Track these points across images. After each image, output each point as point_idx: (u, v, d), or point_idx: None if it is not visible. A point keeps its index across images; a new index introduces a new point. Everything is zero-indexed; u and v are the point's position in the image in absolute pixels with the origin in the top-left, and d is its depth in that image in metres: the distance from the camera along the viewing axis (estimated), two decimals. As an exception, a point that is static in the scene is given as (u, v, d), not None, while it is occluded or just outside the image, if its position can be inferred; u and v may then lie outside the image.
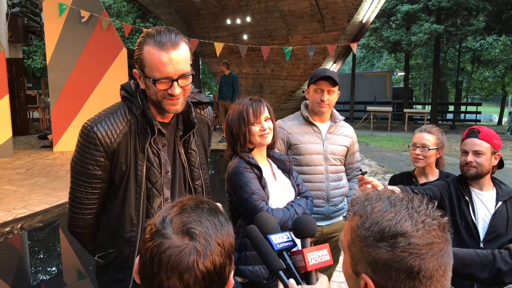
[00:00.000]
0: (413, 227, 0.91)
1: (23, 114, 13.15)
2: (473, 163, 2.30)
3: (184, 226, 0.95)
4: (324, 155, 2.89)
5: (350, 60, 23.36)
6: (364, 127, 18.50)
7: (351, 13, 10.13)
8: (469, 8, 17.43)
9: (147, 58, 1.63)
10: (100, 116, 1.73)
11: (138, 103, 1.74)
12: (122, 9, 24.07)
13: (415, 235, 0.91)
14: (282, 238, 1.32)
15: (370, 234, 0.94)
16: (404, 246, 0.90)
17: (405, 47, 18.53)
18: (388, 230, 0.92)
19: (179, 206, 1.01)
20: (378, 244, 0.92)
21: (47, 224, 5.89)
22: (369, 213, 0.96)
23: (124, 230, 1.76)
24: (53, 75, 9.93)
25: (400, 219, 0.92)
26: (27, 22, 14.40)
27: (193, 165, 1.92)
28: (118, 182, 1.74)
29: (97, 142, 1.67)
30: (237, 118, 2.29)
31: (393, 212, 0.94)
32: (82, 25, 9.75)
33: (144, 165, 1.75)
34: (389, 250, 0.91)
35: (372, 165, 9.73)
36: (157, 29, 1.66)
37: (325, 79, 2.80)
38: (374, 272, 0.94)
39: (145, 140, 1.74)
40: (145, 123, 1.74)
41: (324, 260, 1.31)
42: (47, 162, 9.14)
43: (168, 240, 0.93)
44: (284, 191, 2.34)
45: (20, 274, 4.68)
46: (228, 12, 13.19)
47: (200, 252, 0.93)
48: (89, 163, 1.69)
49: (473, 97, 34.43)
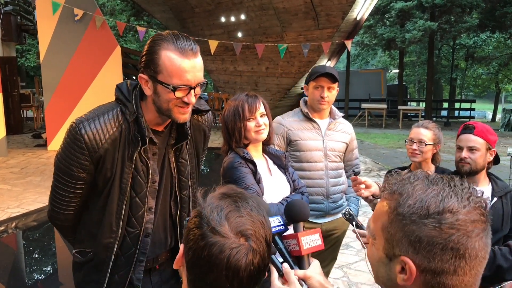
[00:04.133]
0: (459, 203, 0.88)
1: (16, 113, 13.09)
2: (468, 159, 2.30)
3: (241, 227, 1.00)
4: (324, 151, 2.89)
5: (344, 57, 23.34)
6: (359, 124, 18.54)
7: (345, 11, 10.14)
8: (462, 5, 17.49)
9: (166, 63, 1.54)
10: (91, 116, 1.65)
11: (133, 108, 1.66)
12: (116, 7, 23.98)
13: (462, 211, 0.87)
14: (274, 222, 1.31)
15: (414, 211, 0.90)
16: (452, 222, 0.86)
17: (399, 44, 18.57)
18: (434, 206, 0.88)
19: (229, 201, 1.05)
20: (423, 221, 0.88)
21: (42, 223, 5.86)
22: (410, 190, 0.92)
23: (102, 236, 1.71)
24: (46, 73, 9.88)
25: (445, 196, 0.89)
26: (20, 20, 14.32)
27: (182, 175, 1.85)
28: (101, 186, 1.69)
29: (83, 145, 1.60)
30: (232, 113, 2.29)
31: (436, 189, 0.91)
32: (76, 23, 9.71)
33: (130, 173, 1.68)
34: (436, 227, 0.87)
35: (367, 162, 9.76)
36: (174, 33, 1.58)
37: (325, 75, 2.78)
38: (417, 252, 0.89)
39: (135, 149, 1.67)
40: (136, 132, 1.66)
41: (316, 245, 1.32)
42: (41, 161, 9.11)
43: (227, 239, 0.98)
44: (279, 186, 2.34)
45: (15, 273, 4.66)
46: (222, 9, 13.17)
47: (256, 251, 1.00)
48: (73, 164, 1.63)
49: (467, 94, 34.57)
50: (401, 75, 22.27)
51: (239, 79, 14.50)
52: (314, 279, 1.24)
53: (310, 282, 1.24)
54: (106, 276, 1.75)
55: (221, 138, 2.49)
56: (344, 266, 4.48)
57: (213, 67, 15.43)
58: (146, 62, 1.59)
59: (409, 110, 20.85)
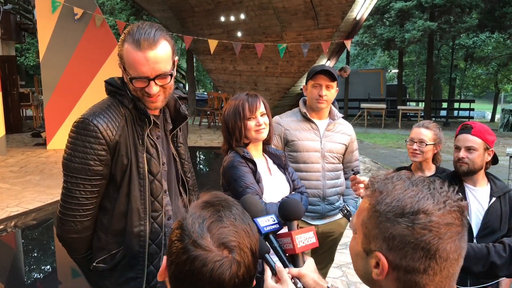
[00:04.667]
0: (434, 206, 0.91)
1: (16, 112, 13.08)
2: (465, 159, 2.31)
3: (223, 239, 0.97)
4: (321, 152, 2.85)
5: (344, 57, 23.34)
6: (358, 124, 18.53)
7: (345, 10, 10.14)
8: (462, 5, 17.49)
9: (125, 55, 1.62)
10: (95, 111, 1.67)
11: (129, 96, 1.72)
12: (116, 6, 23.96)
13: (436, 214, 0.90)
14: (268, 221, 1.32)
15: (390, 209, 0.93)
16: (425, 223, 0.90)
17: (399, 44, 18.57)
18: (409, 207, 0.91)
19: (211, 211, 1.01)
20: (398, 219, 0.92)
21: (41, 221, 5.87)
22: (390, 189, 0.96)
23: (133, 225, 1.71)
24: (46, 72, 9.87)
25: (422, 197, 0.92)
26: (20, 19, 14.31)
27: (183, 158, 1.91)
28: (119, 177, 1.69)
29: (99, 135, 1.62)
30: (233, 113, 2.29)
31: (415, 190, 0.94)
32: (76, 22, 9.71)
33: (144, 157, 1.72)
34: (409, 226, 0.90)
35: (366, 162, 9.76)
36: (138, 25, 1.63)
37: (323, 73, 2.77)
38: (390, 249, 0.93)
39: (143, 131, 1.72)
40: (140, 114, 1.72)
41: (310, 243, 1.33)
42: (40, 160, 9.11)
43: (209, 253, 0.95)
44: (278, 186, 2.34)
45: (14, 272, 4.67)
46: (222, 9, 13.17)
47: (240, 263, 0.97)
48: (91, 158, 1.62)
49: (466, 94, 34.57)
50: (401, 75, 22.26)
51: (238, 79, 14.50)
52: (308, 276, 1.26)
53: (304, 280, 1.26)
54: (144, 269, 1.75)
55: (221, 138, 2.49)
56: (343, 266, 4.49)
57: (213, 66, 15.43)
58: (118, 53, 1.68)
59: (408, 110, 20.86)
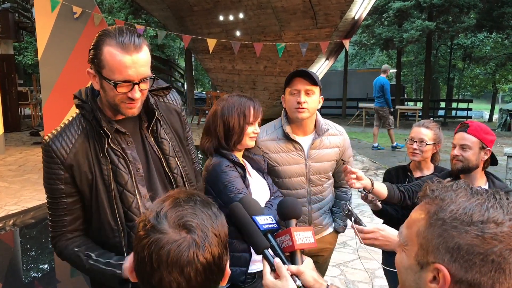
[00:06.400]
0: (505, 215, 0.84)
1: (14, 111, 13.07)
2: (460, 157, 2.32)
3: (180, 220, 0.94)
4: (306, 177, 2.51)
5: (342, 57, 23.36)
6: (357, 123, 18.55)
7: (343, 10, 10.15)
8: (460, 5, 17.51)
9: (108, 59, 1.55)
10: (58, 130, 1.71)
11: (89, 107, 1.69)
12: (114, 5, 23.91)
13: (507, 224, 0.83)
14: (267, 220, 1.33)
15: (457, 217, 0.86)
16: (496, 232, 0.82)
17: (397, 44, 18.59)
18: (479, 215, 0.84)
19: (171, 200, 1.00)
20: (465, 228, 0.84)
21: (39, 220, 5.87)
22: (453, 197, 0.89)
23: (107, 238, 1.72)
24: (44, 71, 9.85)
25: (490, 206, 0.85)
26: (18, 17, 14.25)
27: (167, 154, 1.83)
28: (88, 193, 1.70)
29: (53, 155, 1.65)
30: (237, 113, 2.18)
31: (480, 199, 0.87)
32: (75, 21, 9.70)
33: (109, 169, 1.69)
34: (479, 235, 0.83)
35: (365, 161, 9.78)
36: (118, 28, 1.59)
37: (300, 75, 2.38)
38: (454, 260, 0.85)
39: (103, 144, 1.68)
40: (98, 127, 1.67)
41: (309, 242, 1.33)
42: (39, 158, 9.02)
43: (166, 235, 0.93)
44: (260, 190, 2.28)
45: (12, 271, 4.67)
46: (220, 8, 13.16)
47: (199, 244, 0.93)
48: (51, 178, 1.67)
49: (464, 94, 34.65)
50: (399, 74, 22.29)
51: (237, 78, 14.51)
52: (307, 274, 1.25)
53: (303, 277, 1.25)
54: None
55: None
56: (341, 264, 4.51)
57: (211, 65, 15.43)
58: (91, 56, 1.62)
59: (407, 109, 20.87)
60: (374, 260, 2.41)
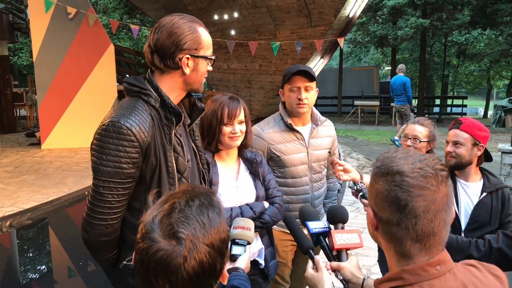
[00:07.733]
0: (410, 170, 1.06)
1: (9, 112, 13.03)
2: (453, 153, 2.35)
3: (172, 230, 0.96)
4: (308, 164, 2.69)
5: (337, 55, 23.43)
6: (352, 121, 18.61)
7: (337, 8, 10.17)
8: (454, 3, 17.58)
9: (205, 38, 1.71)
10: (123, 112, 1.63)
11: (155, 94, 1.69)
12: (109, 5, 23.88)
13: (410, 176, 1.05)
14: (319, 225, 1.59)
15: (378, 171, 1.12)
16: (398, 181, 1.06)
17: (392, 42, 18.65)
18: (391, 169, 1.08)
19: (169, 203, 1.01)
20: (381, 178, 1.10)
21: (36, 221, 5.87)
22: (386, 157, 1.14)
23: None
24: (39, 72, 9.84)
25: (403, 163, 1.08)
26: (12, 18, 14.21)
27: (201, 151, 1.96)
28: (149, 178, 1.68)
29: (133, 138, 1.59)
30: (211, 115, 2.23)
31: (403, 159, 1.10)
32: (69, 21, 9.68)
33: (172, 155, 1.71)
34: (386, 183, 1.08)
35: (360, 159, 9.82)
36: (180, 14, 1.73)
37: (299, 74, 2.52)
38: (375, 203, 1.12)
39: (170, 130, 1.71)
40: (168, 113, 1.70)
41: (352, 242, 1.53)
42: (35, 159, 9.09)
43: (156, 244, 0.96)
44: (240, 192, 2.30)
45: (9, 272, 4.67)
46: (215, 7, 13.17)
47: (186, 256, 0.94)
48: (124, 161, 1.59)
49: (459, 90, 34.76)
50: (394, 72, 22.33)
51: (232, 77, 14.51)
52: (346, 269, 1.46)
53: (343, 272, 1.46)
54: None
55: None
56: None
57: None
58: (189, 42, 1.68)
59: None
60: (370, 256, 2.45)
